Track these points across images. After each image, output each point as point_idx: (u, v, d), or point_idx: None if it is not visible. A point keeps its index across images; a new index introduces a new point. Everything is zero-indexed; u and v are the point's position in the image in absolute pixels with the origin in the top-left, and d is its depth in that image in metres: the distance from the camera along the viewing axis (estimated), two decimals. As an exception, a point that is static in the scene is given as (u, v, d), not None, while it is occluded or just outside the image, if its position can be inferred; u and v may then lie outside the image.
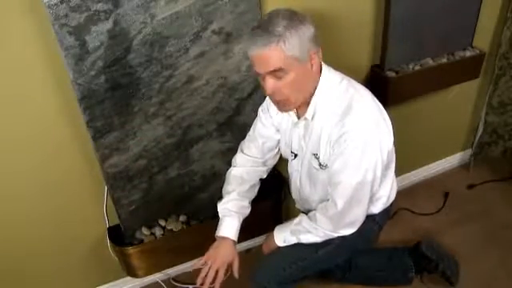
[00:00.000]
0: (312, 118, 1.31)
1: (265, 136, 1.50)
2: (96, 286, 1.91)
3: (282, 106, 1.30)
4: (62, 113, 1.42)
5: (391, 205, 1.55)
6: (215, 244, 1.46)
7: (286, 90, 1.23)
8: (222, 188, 1.57)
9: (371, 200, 1.40)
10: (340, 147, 1.26)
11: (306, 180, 1.48)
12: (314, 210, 1.46)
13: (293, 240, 1.46)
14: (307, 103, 1.30)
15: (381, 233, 1.60)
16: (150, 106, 1.43)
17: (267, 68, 1.19)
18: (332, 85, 1.29)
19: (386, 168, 1.37)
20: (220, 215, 1.49)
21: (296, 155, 1.46)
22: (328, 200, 1.38)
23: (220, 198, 1.52)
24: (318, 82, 1.28)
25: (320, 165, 1.36)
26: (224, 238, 1.45)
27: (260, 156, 1.54)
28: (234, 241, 1.46)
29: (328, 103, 1.28)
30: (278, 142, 1.52)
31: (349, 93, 1.28)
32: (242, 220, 1.49)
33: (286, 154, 1.52)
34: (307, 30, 1.18)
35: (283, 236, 1.48)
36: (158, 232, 1.69)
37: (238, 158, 1.55)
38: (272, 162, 1.59)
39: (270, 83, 1.22)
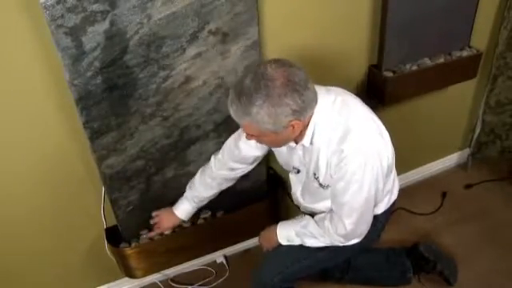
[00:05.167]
0: (310, 143, 1.30)
1: (246, 152, 1.50)
2: (94, 286, 1.90)
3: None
4: (59, 114, 1.42)
5: (393, 203, 1.55)
6: (168, 212, 1.62)
7: (266, 144, 1.31)
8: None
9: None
10: (341, 171, 1.26)
11: (308, 193, 1.49)
12: (319, 213, 1.46)
13: (297, 241, 1.47)
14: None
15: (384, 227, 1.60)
16: (146, 106, 1.43)
17: (244, 130, 1.24)
18: (326, 110, 1.25)
19: (386, 176, 1.37)
20: (185, 194, 1.62)
21: (299, 171, 1.46)
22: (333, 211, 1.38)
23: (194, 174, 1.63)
24: (311, 115, 1.25)
25: (321, 185, 1.37)
26: (176, 215, 1.62)
27: (236, 167, 1.55)
28: (182, 220, 1.63)
29: (324, 129, 1.26)
30: (258, 157, 1.53)
31: (344, 115, 1.26)
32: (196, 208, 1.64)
33: (287, 168, 1.53)
34: (285, 108, 1.13)
35: (287, 235, 1.49)
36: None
37: (214, 162, 1.56)
38: (245, 172, 1.59)
39: (249, 137, 1.27)
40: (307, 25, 1.60)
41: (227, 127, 1.59)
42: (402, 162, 1.55)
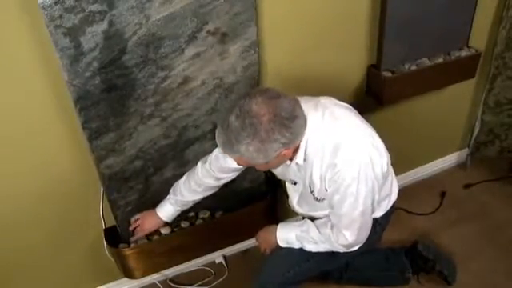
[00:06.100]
0: (304, 161, 1.30)
1: (234, 164, 1.40)
2: (93, 287, 1.90)
3: None
4: (57, 114, 1.42)
5: (393, 205, 1.55)
6: (151, 214, 1.61)
7: (259, 169, 1.30)
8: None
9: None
10: (335, 184, 1.26)
11: (305, 203, 1.49)
12: (318, 218, 1.46)
13: (296, 245, 1.47)
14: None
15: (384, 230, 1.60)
16: (145, 106, 1.43)
17: (234, 159, 1.22)
18: (316, 127, 1.24)
19: (382, 183, 1.37)
20: (168, 196, 1.60)
21: (296, 182, 1.46)
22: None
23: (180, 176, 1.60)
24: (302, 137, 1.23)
25: (316, 198, 1.38)
26: (158, 216, 1.61)
27: (222, 177, 1.54)
28: (165, 221, 1.62)
29: (316, 145, 1.25)
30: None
31: (333, 129, 1.25)
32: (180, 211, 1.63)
33: (284, 179, 1.53)
34: (274, 143, 1.12)
35: (286, 237, 1.48)
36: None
37: (201, 169, 1.52)
38: (231, 179, 1.58)
39: (240, 165, 1.28)
40: (306, 24, 1.60)
41: (226, 127, 1.59)
42: (401, 162, 1.55)
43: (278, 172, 1.48)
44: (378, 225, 1.50)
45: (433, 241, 2.00)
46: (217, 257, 2.05)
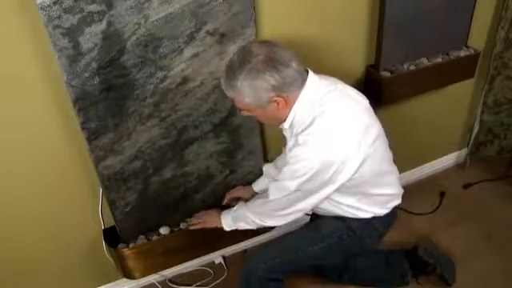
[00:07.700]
0: (289, 127, 1.34)
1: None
2: (92, 287, 1.90)
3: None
4: (56, 114, 1.42)
5: (392, 213, 1.55)
6: (245, 186, 1.74)
7: (260, 120, 1.37)
8: (216, 189, 1.65)
9: (358, 210, 1.44)
10: (288, 154, 1.32)
11: None
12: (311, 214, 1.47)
13: (235, 226, 1.53)
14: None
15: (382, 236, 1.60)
16: (144, 107, 1.43)
17: (235, 104, 1.31)
18: (312, 98, 1.29)
19: (374, 186, 1.41)
20: (264, 173, 1.73)
21: None
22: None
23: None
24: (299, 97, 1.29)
25: None
26: (253, 189, 1.73)
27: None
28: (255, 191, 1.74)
29: (302, 115, 1.29)
30: None
31: (321, 108, 1.27)
32: None
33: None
34: (264, 82, 1.20)
35: (228, 222, 1.55)
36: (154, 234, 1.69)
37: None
38: None
39: (240, 111, 1.33)
40: (304, 25, 1.60)
41: (225, 127, 1.59)
42: (400, 162, 1.55)
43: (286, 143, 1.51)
44: (374, 229, 1.50)
45: (432, 241, 2.00)
46: (216, 257, 2.05)
